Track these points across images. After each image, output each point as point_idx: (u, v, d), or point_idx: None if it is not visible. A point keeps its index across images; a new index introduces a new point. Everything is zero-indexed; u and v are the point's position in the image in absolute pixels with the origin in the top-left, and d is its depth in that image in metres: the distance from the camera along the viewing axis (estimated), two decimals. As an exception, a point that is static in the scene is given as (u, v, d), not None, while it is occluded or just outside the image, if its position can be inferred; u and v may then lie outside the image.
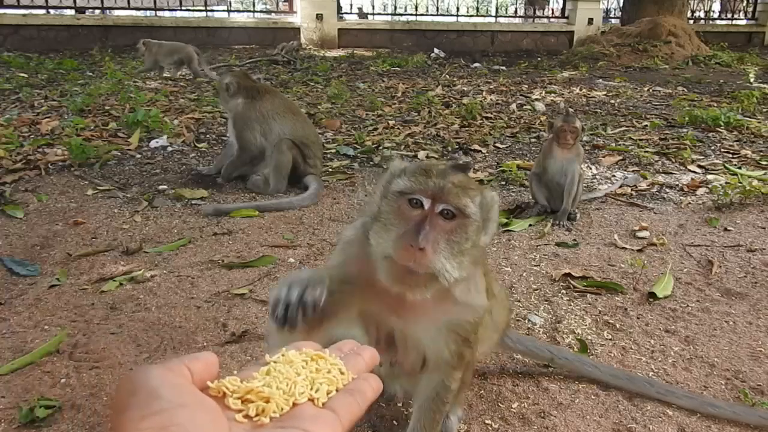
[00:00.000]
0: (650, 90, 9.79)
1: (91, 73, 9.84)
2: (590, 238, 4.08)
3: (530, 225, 4.28)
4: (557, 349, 2.61)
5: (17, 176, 4.92)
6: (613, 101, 8.84)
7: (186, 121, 6.86)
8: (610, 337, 2.88)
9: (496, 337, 2.16)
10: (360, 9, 17.15)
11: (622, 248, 3.88)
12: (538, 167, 4.50)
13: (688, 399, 2.38)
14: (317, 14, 14.53)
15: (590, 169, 5.57)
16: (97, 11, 14.76)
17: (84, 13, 13.80)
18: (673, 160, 5.84)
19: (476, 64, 12.32)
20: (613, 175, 5.42)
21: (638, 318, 3.04)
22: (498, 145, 6.40)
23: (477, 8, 18.95)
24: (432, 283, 1.53)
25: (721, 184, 4.75)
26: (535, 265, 3.64)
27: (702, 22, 18.15)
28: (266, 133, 4.91)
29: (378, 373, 1.93)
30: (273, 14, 17.54)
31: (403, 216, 1.53)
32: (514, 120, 7.49)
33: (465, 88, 9.64)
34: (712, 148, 6.30)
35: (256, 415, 0.77)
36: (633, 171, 5.51)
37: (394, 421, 2.19)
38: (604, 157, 5.96)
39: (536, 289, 3.34)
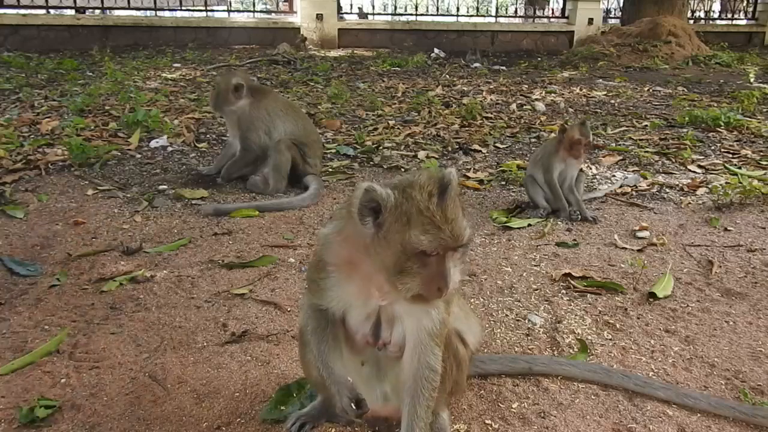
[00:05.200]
0: (650, 90, 9.79)
1: (91, 73, 9.84)
2: (590, 238, 4.08)
3: (530, 225, 4.28)
4: (532, 357, 2.64)
5: (17, 176, 4.92)
6: (613, 101, 8.84)
7: (186, 121, 6.86)
8: (610, 337, 2.88)
9: (477, 330, 2.24)
10: (360, 9, 17.15)
11: (622, 248, 3.88)
12: (535, 169, 4.49)
13: (664, 390, 2.40)
14: (317, 14, 14.53)
15: (590, 169, 5.57)
16: (97, 11, 14.76)
17: (84, 13, 13.80)
18: (673, 160, 5.84)
19: (476, 64, 12.31)
20: (613, 175, 5.42)
21: (638, 318, 3.04)
22: (498, 145, 6.40)
23: (477, 8, 18.94)
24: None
25: (721, 184, 4.75)
26: (535, 265, 3.64)
27: (702, 22, 18.15)
28: (270, 132, 4.91)
29: (363, 375, 1.97)
30: (273, 14, 17.53)
31: (424, 264, 1.67)
32: (514, 120, 7.50)
33: (465, 88, 9.65)
34: (712, 148, 6.30)
35: None
36: (633, 171, 5.51)
37: (394, 421, 2.19)
38: (604, 157, 5.96)
39: (536, 289, 3.34)
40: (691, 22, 16.91)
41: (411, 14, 16.77)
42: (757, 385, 2.51)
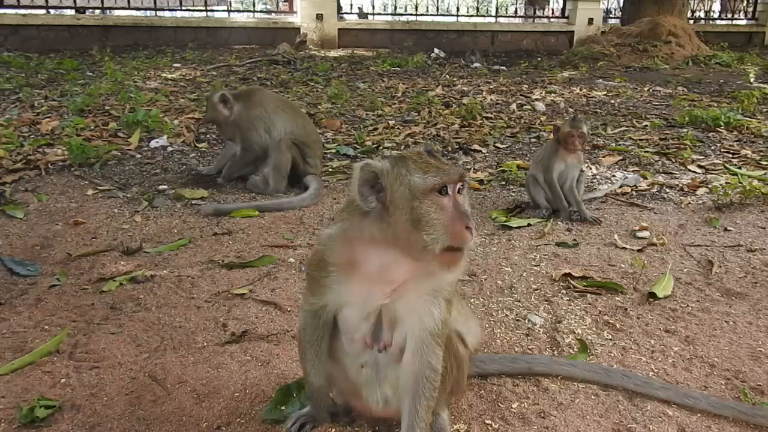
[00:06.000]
0: (650, 90, 9.79)
1: (91, 73, 9.84)
2: (590, 238, 4.08)
3: (530, 224, 4.28)
4: (532, 357, 2.65)
5: (17, 176, 4.92)
6: (613, 101, 8.84)
7: (186, 121, 6.86)
8: (610, 337, 2.88)
9: (477, 330, 2.27)
10: (360, 9, 17.15)
11: (622, 248, 3.88)
12: (536, 169, 4.49)
13: (664, 390, 2.41)
14: (317, 14, 14.53)
15: (590, 169, 5.57)
16: (97, 11, 14.76)
17: (84, 13, 13.79)
18: (673, 160, 5.84)
19: (476, 65, 12.31)
20: (613, 175, 5.42)
21: (638, 318, 3.04)
22: (498, 145, 6.40)
23: (477, 8, 18.94)
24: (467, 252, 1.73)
25: (721, 184, 4.75)
26: (535, 265, 3.64)
27: (702, 22, 18.15)
28: (270, 130, 4.91)
29: (362, 377, 1.98)
30: (273, 14, 17.53)
31: (440, 206, 1.70)
32: (514, 120, 7.50)
33: (465, 88, 9.65)
34: (712, 148, 6.30)
35: None
36: (633, 171, 5.51)
37: (394, 421, 2.19)
38: (604, 157, 5.96)
39: (536, 289, 3.34)
40: (691, 22, 16.91)
41: (411, 14, 16.77)
42: (757, 385, 2.51)
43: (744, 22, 18.60)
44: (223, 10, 15.74)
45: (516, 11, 19.14)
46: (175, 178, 5.12)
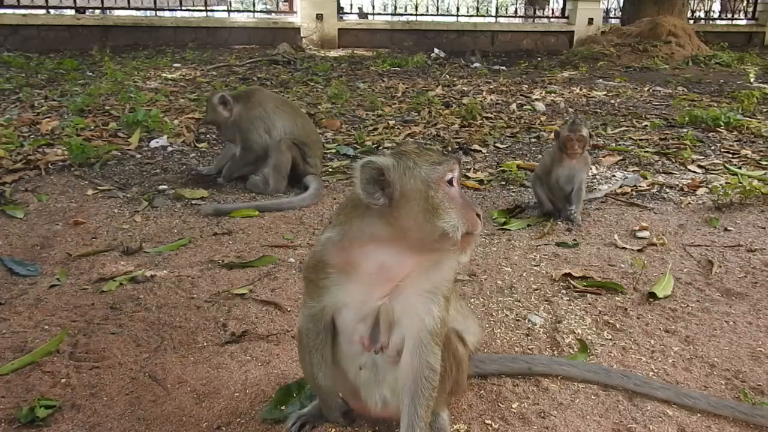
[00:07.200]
0: (650, 90, 9.78)
1: (91, 73, 9.84)
2: (590, 238, 4.08)
3: (529, 225, 4.28)
4: (532, 357, 2.65)
5: (17, 176, 4.92)
6: (613, 101, 8.84)
7: (186, 121, 6.86)
8: (610, 337, 2.88)
9: (476, 330, 2.28)
10: (360, 9, 17.15)
11: (622, 248, 3.88)
12: (542, 170, 4.48)
13: (664, 390, 2.41)
14: (317, 14, 14.53)
15: (590, 169, 5.56)
16: (97, 11, 14.76)
17: (84, 13, 13.79)
18: (673, 160, 5.84)
19: (476, 65, 12.31)
20: (613, 175, 5.42)
21: (638, 318, 3.04)
22: (498, 145, 6.40)
23: (477, 8, 18.94)
24: None
25: (721, 184, 4.74)
26: (535, 265, 3.64)
27: (702, 22, 18.15)
28: (270, 130, 4.91)
29: (361, 379, 2.00)
30: (273, 14, 17.53)
31: (450, 195, 1.75)
32: (514, 120, 7.50)
33: (465, 88, 9.64)
34: (712, 148, 6.30)
35: None
36: (633, 171, 5.51)
37: (394, 422, 2.19)
38: (604, 157, 5.96)
39: (536, 289, 3.34)
40: (691, 22, 16.91)
41: (411, 14, 16.77)
42: (757, 385, 2.51)
43: (744, 22, 18.61)
44: (223, 10, 15.74)
45: (516, 11, 19.14)
46: (175, 178, 5.12)
